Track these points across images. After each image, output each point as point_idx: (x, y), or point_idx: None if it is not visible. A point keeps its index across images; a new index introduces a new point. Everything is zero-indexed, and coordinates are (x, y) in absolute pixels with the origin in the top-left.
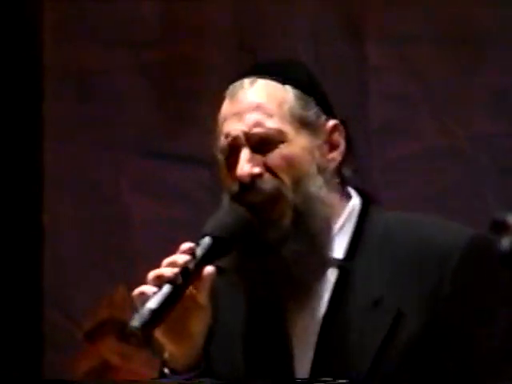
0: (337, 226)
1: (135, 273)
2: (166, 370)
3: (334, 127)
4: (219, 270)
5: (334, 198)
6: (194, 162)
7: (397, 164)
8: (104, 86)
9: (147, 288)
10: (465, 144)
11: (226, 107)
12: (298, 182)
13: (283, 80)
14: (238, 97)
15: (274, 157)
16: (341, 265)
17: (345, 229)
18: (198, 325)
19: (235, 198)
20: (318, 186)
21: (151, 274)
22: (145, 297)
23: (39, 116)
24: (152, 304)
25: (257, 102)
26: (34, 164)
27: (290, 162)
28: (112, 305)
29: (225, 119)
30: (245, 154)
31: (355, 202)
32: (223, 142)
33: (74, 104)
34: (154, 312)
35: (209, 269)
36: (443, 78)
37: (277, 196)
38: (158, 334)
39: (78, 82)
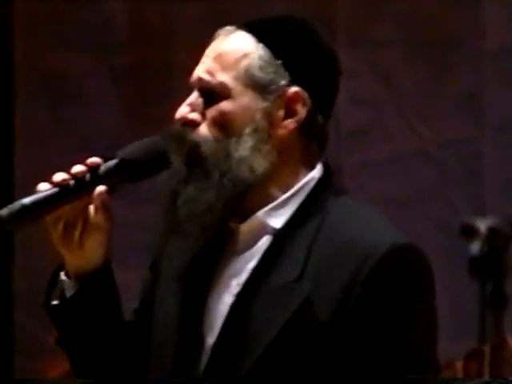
0: (284, 196)
1: None
2: (62, 274)
3: (295, 94)
4: (111, 189)
5: (270, 164)
6: None
7: (366, 167)
8: (74, 90)
9: (43, 185)
10: (433, 148)
11: (207, 49)
12: (225, 137)
13: (260, 37)
14: (213, 42)
15: (213, 110)
16: (274, 234)
17: (292, 201)
18: (92, 240)
19: (169, 136)
20: (243, 147)
21: (53, 176)
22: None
23: (10, 120)
24: (26, 200)
25: (220, 52)
26: (4, 169)
27: (223, 118)
28: None
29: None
30: (191, 97)
31: (313, 175)
32: (190, 80)
33: (45, 108)
34: (24, 207)
35: (100, 187)
36: (413, 82)
37: (197, 147)
38: (56, 240)
39: (48, 86)
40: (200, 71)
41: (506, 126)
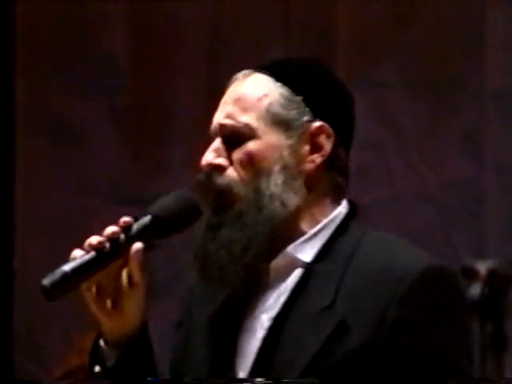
0: (313, 230)
1: None
2: (102, 342)
3: (319, 129)
4: (148, 246)
5: (300, 199)
6: None
7: (367, 208)
8: (74, 130)
9: (78, 252)
10: (434, 188)
11: (224, 95)
12: (255, 177)
13: (278, 76)
14: (230, 87)
15: (239, 152)
16: (304, 267)
17: (320, 235)
18: (130, 302)
19: (199, 184)
20: (274, 184)
21: (87, 240)
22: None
23: (11, 160)
24: (67, 267)
25: (239, 95)
26: (5, 210)
27: (251, 159)
28: (82, 352)
29: (218, 108)
30: (214, 143)
31: (340, 211)
32: (210, 129)
33: (47, 148)
34: (66, 274)
35: (137, 245)
36: (413, 122)
37: (227, 191)
38: (92, 306)
39: (50, 127)
40: (220, 117)
41: (507, 167)
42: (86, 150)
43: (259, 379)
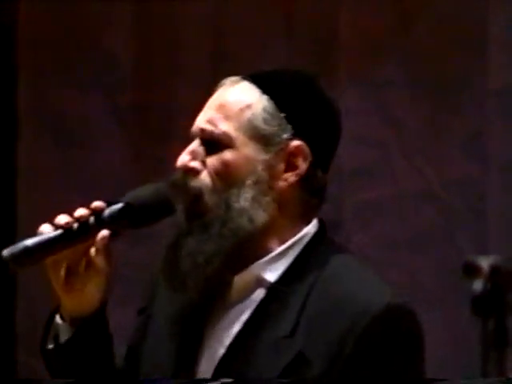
0: (279, 249)
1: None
2: (58, 317)
3: (297, 148)
4: (114, 233)
5: (268, 216)
6: None
7: (369, 207)
8: (77, 130)
9: (46, 228)
10: (437, 187)
11: (210, 99)
12: (226, 188)
13: (265, 88)
14: (216, 92)
15: (214, 158)
16: (268, 287)
17: (287, 255)
18: (92, 284)
19: (174, 183)
20: (244, 198)
21: (56, 218)
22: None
23: (13, 159)
24: (29, 241)
25: (223, 101)
26: (7, 207)
27: (225, 168)
28: None
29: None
30: (192, 145)
31: (308, 230)
32: (191, 129)
33: (49, 147)
34: (26, 249)
35: (103, 232)
36: (416, 121)
37: (198, 196)
38: (54, 278)
39: (53, 126)
40: (202, 121)
41: (510, 166)
42: (88, 149)
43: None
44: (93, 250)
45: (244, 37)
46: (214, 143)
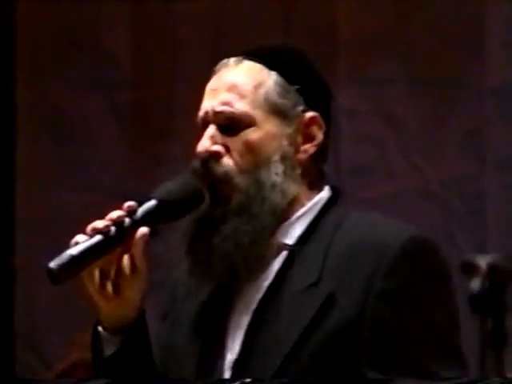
0: (297, 214)
1: None
2: (100, 328)
3: (312, 119)
4: (153, 232)
5: (297, 187)
6: None
7: (368, 205)
8: (76, 128)
9: (81, 237)
10: (435, 185)
11: (209, 83)
12: (254, 167)
13: (270, 65)
14: (220, 74)
15: (237, 140)
16: (288, 249)
17: (304, 218)
18: (132, 287)
19: (194, 172)
20: (274, 173)
21: (89, 226)
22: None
23: (11, 157)
24: (73, 250)
25: (233, 82)
26: (5, 206)
27: (250, 147)
28: (84, 347)
29: (205, 94)
30: (209, 130)
31: (323, 195)
32: (199, 115)
33: (48, 146)
34: (73, 258)
35: (142, 229)
36: (414, 120)
37: (225, 180)
38: (93, 291)
39: (52, 124)
40: (214, 104)
41: (507, 163)
42: (87, 147)
43: (247, 380)
44: (133, 251)
45: (243, 35)
46: (232, 125)
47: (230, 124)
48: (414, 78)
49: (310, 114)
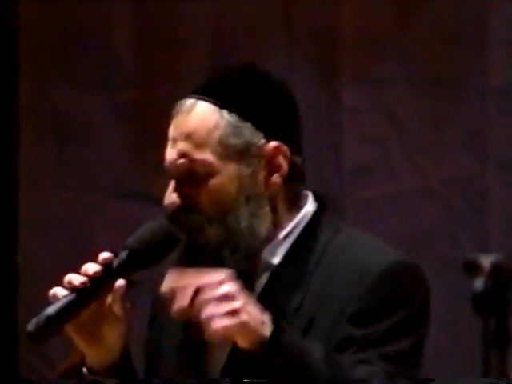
0: (281, 235)
1: None
2: (84, 370)
3: (275, 149)
4: (130, 283)
5: (272, 218)
6: None
7: (371, 204)
8: (79, 128)
9: (59, 290)
10: (438, 185)
11: (170, 129)
12: (221, 215)
13: (222, 102)
14: (177, 121)
15: (201, 190)
16: (272, 270)
17: (290, 236)
18: (111, 333)
19: (168, 219)
20: (243, 217)
21: (66, 278)
22: (55, 299)
23: (14, 157)
24: (50, 310)
25: (188, 131)
26: (8, 205)
27: (214, 196)
28: None
29: (168, 141)
30: (172, 184)
31: (308, 209)
32: (164, 163)
33: (49, 146)
34: (50, 319)
35: (119, 282)
36: (417, 119)
37: (198, 230)
38: (74, 335)
39: (54, 123)
40: (173, 157)
41: (510, 163)
42: (88, 146)
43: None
44: (110, 301)
45: (244, 35)
46: (194, 175)
47: (191, 175)
48: (416, 77)
49: (270, 146)
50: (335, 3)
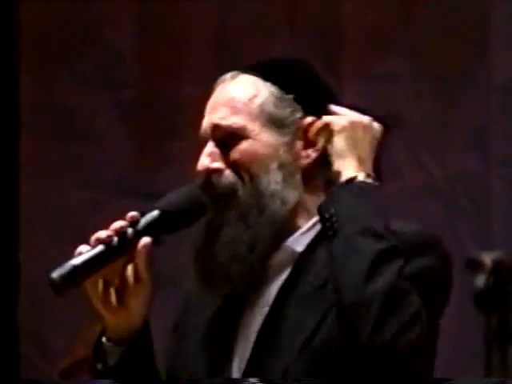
0: (308, 225)
1: None
2: (104, 339)
3: (310, 125)
4: (156, 241)
5: (298, 194)
6: None
7: None
8: (82, 125)
9: (84, 247)
10: (441, 182)
11: (209, 101)
12: (255, 177)
13: (266, 76)
14: (217, 90)
15: (235, 153)
16: (297, 256)
17: (314, 228)
18: (136, 300)
19: (199, 187)
20: (274, 182)
21: (92, 236)
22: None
23: (15, 154)
24: (76, 260)
25: (229, 96)
26: (10, 202)
27: (249, 159)
28: (88, 344)
29: (205, 110)
30: (207, 147)
31: None
32: (200, 132)
33: (52, 143)
34: (75, 268)
35: (145, 239)
36: (420, 116)
37: (230, 193)
38: (96, 301)
39: (56, 121)
40: (212, 120)
41: None
42: (92, 143)
43: (253, 379)
44: (137, 261)
45: (247, 31)
46: (229, 139)
47: (228, 138)
48: (419, 75)
49: (308, 120)
50: (338, 2)
